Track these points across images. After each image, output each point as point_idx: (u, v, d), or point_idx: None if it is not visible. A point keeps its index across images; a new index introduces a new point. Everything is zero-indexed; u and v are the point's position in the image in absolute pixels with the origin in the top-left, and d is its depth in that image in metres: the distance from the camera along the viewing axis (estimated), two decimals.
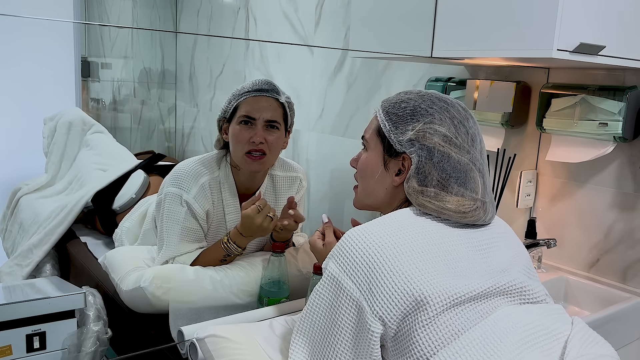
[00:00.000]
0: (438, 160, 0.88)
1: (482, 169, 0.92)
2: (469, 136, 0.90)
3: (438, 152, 0.88)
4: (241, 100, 1.34)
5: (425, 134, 0.89)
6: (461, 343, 0.75)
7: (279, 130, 1.36)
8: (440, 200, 0.87)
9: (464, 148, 0.89)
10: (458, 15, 1.23)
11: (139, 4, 3.19)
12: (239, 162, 1.35)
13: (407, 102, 0.93)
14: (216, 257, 1.34)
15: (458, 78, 1.64)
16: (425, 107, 0.91)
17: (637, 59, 1.22)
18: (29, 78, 2.52)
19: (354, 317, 0.79)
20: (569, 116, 1.38)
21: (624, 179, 1.37)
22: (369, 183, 0.96)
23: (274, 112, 1.34)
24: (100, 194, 1.87)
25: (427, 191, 0.87)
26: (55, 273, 1.80)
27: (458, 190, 0.88)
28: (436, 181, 0.87)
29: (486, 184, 0.92)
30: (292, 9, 2.24)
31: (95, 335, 1.27)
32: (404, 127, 0.90)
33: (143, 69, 3.22)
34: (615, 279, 1.40)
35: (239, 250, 1.33)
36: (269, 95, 1.35)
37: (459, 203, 0.87)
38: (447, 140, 0.88)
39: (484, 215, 0.90)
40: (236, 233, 1.31)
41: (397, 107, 0.93)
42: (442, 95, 0.94)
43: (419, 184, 0.88)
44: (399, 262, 0.78)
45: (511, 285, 0.85)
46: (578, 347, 0.80)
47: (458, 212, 0.87)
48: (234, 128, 1.34)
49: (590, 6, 1.09)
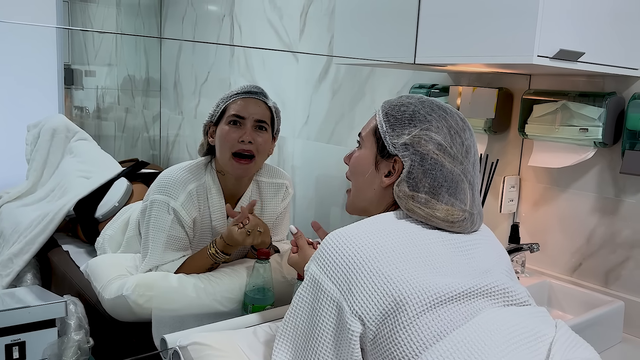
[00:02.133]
0: (430, 168, 0.88)
1: (473, 181, 0.93)
2: (464, 147, 0.91)
3: (431, 160, 0.89)
4: (230, 102, 1.36)
5: (421, 140, 0.89)
6: (445, 345, 0.75)
7: (267, 132, 1.36)
8: (430, 208, 0.88)
9: (457, 159, 0.90)
10: (440, 22, 1.25)
11: (123, 11, 3.18)
12: (225, 165, 1.35)
13: (407, 106, 0.93)
14: (202, 265, 1.33)
15: (441, 85, 1.65)
16: (424, 114, 0.91)
17: (616, 65, 1.24)
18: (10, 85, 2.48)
19: (334, 318, 0.79)
20: (550, 122, 1.40)
21: (604, 183, 1.39)
22: (358, 181, 0.97)
23: (263, 113, 1.36)
24: (83, 202, 1.85)
25: (418, 197, 0.88)
26: (37, 282, 1.77)
27: (448, 200, 0.88)
28: (427, 188, 0.88)
29: (475, 197, 0.93)
30: (277, 17, 2.25)
31: (76, 344, 1.25)
32: (400, 131, 0.91)
33: (127, 76, 3.20)
34: (598, 283, 1.41)
35: (226, 258, 1.33)
36: (257, 97, 1.37)
37: (448, 212, 0.88)
38: (442, 149, 0.89)
39: (471, 226, 0.92)
40: (222, 243, 1.31)
41: (396, 110, 0.94)
42: (442, 104, 0.95)
43: (410, 188, 0.89)
44: (379, 263, 0.79)
45: (494, 286, 0.85)
46: (562, 351, 0.80)
47: (446, 220, 0.88)
48: (223, 129, 1.34)
49: (570, 14, 1.11)
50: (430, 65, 1.39)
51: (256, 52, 2.40)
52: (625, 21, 1.24)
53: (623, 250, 1.36)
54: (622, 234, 1.36)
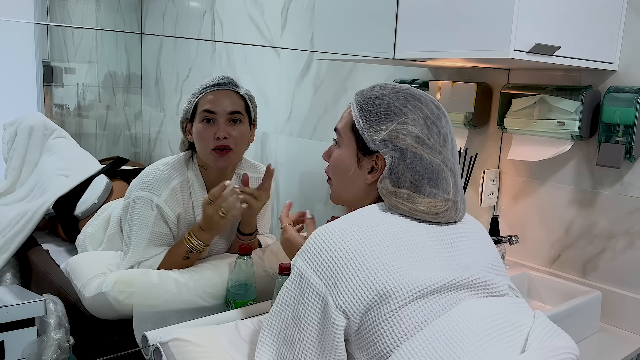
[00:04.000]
0: (411, 162, 0.89)
1: (454, 168, 0.93)
2: (441, 136, 0.91)
3: (411, 154, 0.89)
4: (200, 97, 1.34)
5: (399, 135, 0.89)
6: (424, 335, 0.76)
7: (242, 123, 1.35)
8: (412, 202, 0.88)
9: (435, 149, 0.90)
10: (418, 17, 1.25)
11: (102, 7, 3.14)
12: (207, 159, 1.34)
13: (381, 99, 0.92)
14: (179, 253, 1.31)
15: (422, 80, 1.66)
16: (399, 106, 0.91)
17: (591, 59, 1.26)
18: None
19: (319, 312, 0.80)
20: (528, 116, 1.42)
21: (582, 176, 1.41)
22: (342, 180, 0.97)
23: (235, 104, 1.34)
24: (62, 200, 1.83)
25: (400, 193, 0.88)
26: (16, 282, 1.75)
27: (430, 192, 0.89)
28: (409, 182, 0.88)
29: (457, 183, 0.93)
30: (258, 12, 2.24)
31: (56, 343, 1.24)
32: (377, 127, 0.91)
33: (108, 73, 3.16)
34: (576, 274, 1.44)
35: (201, 245, 1.30)
36: (227, 88, 1.35)
37: (431, 204, 0.89)
38: (420, 141, 0.89)
39: (455, 214, 0.92)
40: (197, 228, 1.30)
41: (371, 104, 0.93)
42: (416, 92, 0.94)
43: (393, 184, 0.89)
44: (363, 257, 0.80)
45: (475, 279, 0.86)
46: (539, 340, 0.81)
47: (430, 213, 0.89)
48: (197, 127, 1.33)
49: (546, 9, 1.12)
50: (409, 60, 1.40)
51: (238, 47, 2.39)
52: (601, 16, 1.26)
53: (600, 241, 1.39)
54: (599, 226, 1.39)
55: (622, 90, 1.28)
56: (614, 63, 1.32)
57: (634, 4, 1.29)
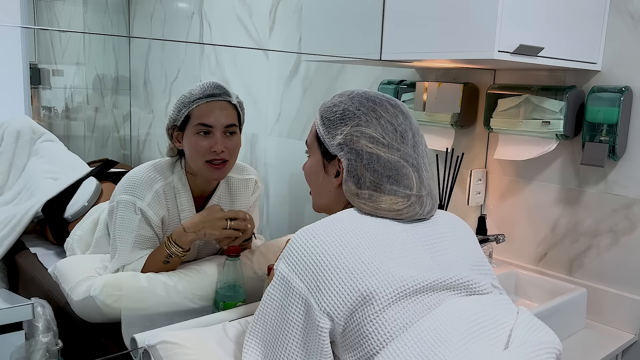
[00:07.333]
0: (367, 162, 0.90)
1: (417, 163, 0.93)
2: (398, 133, 0.92)
3: (366, 154, 0.90)
4: (193, 107, 1.30)
5: (353, 138, 0.91)
6: (408, 336, 0.77)
7: (236, 134, 1.35)
8: (374, 202, 0.90)
9: (392, 146, 0.91)
10: (404, 19, 1.26)
11: (90, 9, 3.12)
12: (200, 170, 1.33)
13: (337, 106, 0.96)
14: (159, 257, 1.31)
15: (409, 80, 1.68)
16: (353, 110, 0.94)
17: (575, 59, 1.28)
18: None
19: (302, 315, 0.81)
20: (514, 116, 1.43)
21: (567, 175, 1.43)
22: (315, 187, 1.00)
23: (229, 116, 1.32)
24: (51, 203, 1.82)
25: (362, 194, 0.90)
26: (4, 286, 1.74)
27: (391, 189, 0.90)
28: (369, 182, 0.90)
29: (422, 177, 0.93)
30: (247, 14, 2.25)
31: (44, 347, 1.23)
32: (334, 132, 0.94)
33: (96, 75, 3.15)
34: (562, 272, 1.46)
35: (179, 250, 1.29)
36: (221, 99, 1.32)
37: (392, 202, 0.89)
38: (374, 141, 0.91)
39: (420, 209, 0.91)
40: (180, 231, 1.29)
41: (329, 112, 0.96)
42: (371, 95, 0.96)
43: (355, 186, 0.91)
44: (345, 259, 0.80)
45: (458, 279, 0.87)
46: (522, 335, 0.82)
47: (392, 210, 0.89)
48: (191, 139, 1.30)
49: (529, 10, 1.14)
50: (396, 62, 1.41)
51: (226, 49, 2.39)
52: (584, 17, 1.28)
53: (585, 239, 1.40)
54: (585, 224, 1.40)
55: (606, 90, 1.30)
56: (597, 63, 1.34)
57: (616, 5, 1.31)
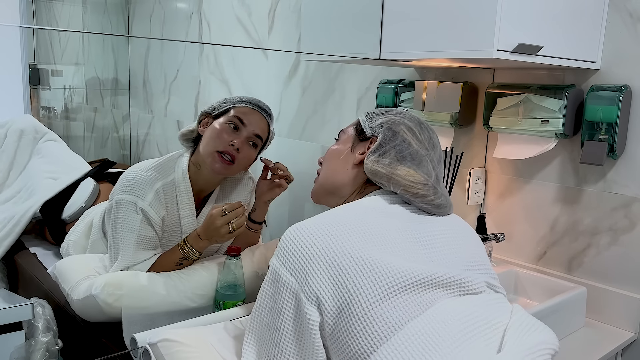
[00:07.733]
0: (399, 144, 0.98)
1: (437, 169, 1.01)
2: (431, 141, 1.02)
3: (401, 137, 0.98)
4: (238, 106, 1.37)
5: (395, 121, 1.01)
6: (401, 338, 0.76)
7: (254, 149, 1.38)
8: (392, 167, 0.96)
9: (424, 144, 1.00)
10: (404, 18, 1.26)
11: (89, 9, 3.12)
12: (207, 157, 1.33)
13: (384, 108, 1.08)
14: (172, 260, 1.32)
15: (408, 80, 1.68)
16: (400, 111, 1.05)
17: (574, 58, 1.28)
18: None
19: (293, 308, 0.81)
20: (513, 115, 1.44)
21: (566, 173, 1.43)
22: (332, 164, 1.05)
23: (262, 129, 1.38)
24: (49, 203, 1.82)
25: (383, 160, 0.97)
26: (3, 286, 1.73)
27: (411, 166, 0.96)
28: (393, 156, 0.97)
29: (439, 180, 1.01)
30: (246, 14, 2.25)
31: (44, 347, 1.23)
32: (377, 118, 1.04)
33: (95, 75, 3.14)
34: (562, 270, 1.46)
35: (196, 254, 1.31)
36: (265, 116, 1.40)
37: (409, 173, 0.95)
38: (412, 132, 1.00)
39: (434, 196, 0.96)
40: (195, 236, 1.30)
41: (374, 110, 1.08)
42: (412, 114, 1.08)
43: (378, 156, 0.98)
44: (333, 252, 0.81)
45: (450, 277, 0.86)
46: (516, 336, 0.81)
47: (406, 179, 0.94)
48: (219, 123, 1.35)
49: (528, 9, 1.14)
50: (395, 61, 1.41)
51: (225, 49, 2.39)
52: (583, 16, 1.28)
53: (585, 237, 1.41)
54: (584, 222, 1.41)
55: (605, 88, 1.30)
56: (596, 62, 1.34)
57: (615, 3, 1.31)
